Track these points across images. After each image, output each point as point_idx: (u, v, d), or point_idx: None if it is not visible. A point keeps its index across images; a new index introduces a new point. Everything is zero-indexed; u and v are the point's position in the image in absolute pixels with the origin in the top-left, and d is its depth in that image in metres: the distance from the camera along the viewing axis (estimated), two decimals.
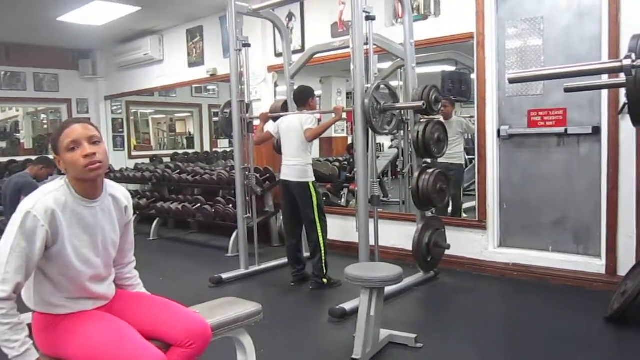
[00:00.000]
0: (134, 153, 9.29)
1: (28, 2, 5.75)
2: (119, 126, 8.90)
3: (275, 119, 4.55)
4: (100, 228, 1.83)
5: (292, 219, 4.37)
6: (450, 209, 5.56)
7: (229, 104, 4.76)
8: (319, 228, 4.17)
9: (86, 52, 8.67)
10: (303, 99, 4.32)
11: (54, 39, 7.67)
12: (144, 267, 2.19)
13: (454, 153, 5.56)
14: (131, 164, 8.47)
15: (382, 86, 3.83)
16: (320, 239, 4.16)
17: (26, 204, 1.68)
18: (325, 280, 4.17)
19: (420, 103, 3.83)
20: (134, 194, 7.43)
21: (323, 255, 4.16)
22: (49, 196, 1.71)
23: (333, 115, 4.26)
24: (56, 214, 1.69)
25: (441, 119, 4.65)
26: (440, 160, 4.34)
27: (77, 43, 8.14)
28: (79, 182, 1.77)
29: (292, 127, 4.19)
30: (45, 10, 6.04)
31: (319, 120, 4.59)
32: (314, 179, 4.21)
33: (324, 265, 4.16)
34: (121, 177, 7.54)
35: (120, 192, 1.96)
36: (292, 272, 4.39)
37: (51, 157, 7.78)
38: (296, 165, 4.17)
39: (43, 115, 9.82)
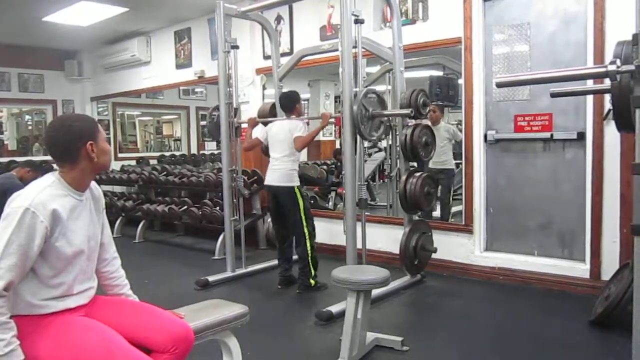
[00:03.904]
0: (120, 155, 9.21)
1: (13, 1, 5.68)
2: (105, 128, 8.81)
3: (264, 124, 4.53)
4: (87, 219, 1.86)
5: (280, 223, 4.37)
6: (439, 213, 5.61)
7: (217, 108, 4.74)
8: (306, 231, 4.15)
9: (72, 52, 8.60)
10: (290, 104, 4.31)
11: (39, 39, 7.59)
12: (129, 269, 2.17)
13: (444, 160, 5.66)
14: (117, 165, 8.40)
15: (370, 93, 3.83)
16: (308, 243, 4.14)
17: (22, 200, 1.67)
18: (312, 282, 4.16)
19: (408, 111, 3.84)
20: (119, 196, 7.38)
21: (310, 259, 4.14)
22: (45, 192, 1.72)
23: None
24: (55, 208, 1.70)
25: (429, 123, 4.68)
26: (430, 166, 4.37)
27: (63, 43, 8.07)
28: (88, 174, 1.85)
29: (281, 133, 4.19)
30: (31, 10, 5.98)
31: (307, 123, 4.58)
32: (298, 184, 4.19)
33: (311, 267, 4.15)
34: (107, 179, 7.48)
35: (93, 184, 1.97)
36: (279, 271, 4.38)
37: (36, 159, 7.73)
38: (281, 170, 4.16)
39: (27, 117, 9.70)
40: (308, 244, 4.15)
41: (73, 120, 1.86)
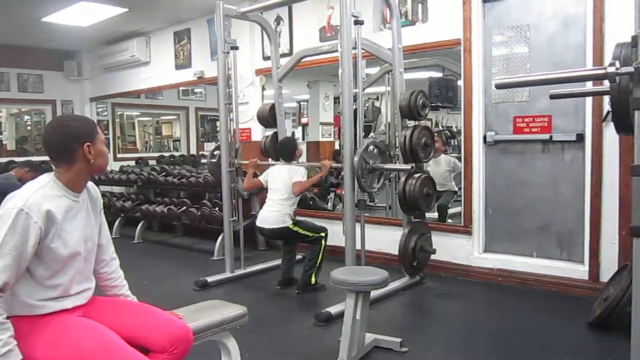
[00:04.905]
0: (119, 155, 9.21)
1: (13, 2, 5.68)
2: (104, 128, 8.79)
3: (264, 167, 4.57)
4: (83, 220, 1.85)
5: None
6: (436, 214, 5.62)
7: (218, 148, 4.75)
8: (320, 235, 4.19)
9: (71, 53, 8.59)
10: (289, 153, 4.34)
11: (38, 40, 7.58)
12: (128, 270, 2.17)
13: (447, 190, 5.81)
14: (116, 166, 8.40)
15: (371, 146, 3.85)
16: (323, 243, 4.18)
17: (16, 201, 1.66)
18: (313, 279, 4.16)
19: (409, 167, 3.86)
20: (118, 197, 7.37)
21: (319, 259, 4.16)
22: (39, 192, 1.71)
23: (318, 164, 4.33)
24: (49, 209, 1.69)
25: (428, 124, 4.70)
26: None
27: (62, 44, 8.07)
28: (83, 175, 1.83)
29: (281, 177, 4.22)
30: (30, 11, 5.97)
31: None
32: (291, 222, 4.18)
33: (317, 265, 4.16)
34: (106, 179, 7.47)
35: (90, 185, 1.97)
36: (281, 269, 4.39)
37: (36, 158, 7.72)
38: (276, 212, 4.17)
39: (27, 117, 9.69)
40: (323, 245, 4.18)
41: (71, 121, 1.85)
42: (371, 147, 3.87)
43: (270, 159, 4.83)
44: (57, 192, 1.77)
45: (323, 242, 4.18)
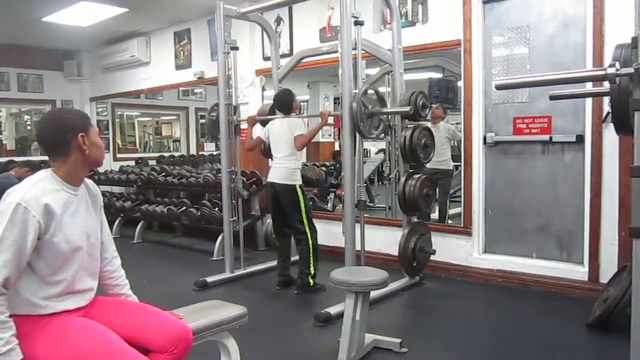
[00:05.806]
0: (119, 155, 9.22)
1: (13, 1, 5.68)
2: (104, 128, 8.81)
3: (263, 123, 4.54)
4: (84, 214, 1.85)
5: (280, 222, 4.37)
6: (437, 215, 5.61)
7: (216, 106, 4.75)
8: (307, 230, 4.15)
9: (71, 53, 8.59)
10: (286, 105, 4.26)
11: (38, 39, 7.59)
12: (127, 270, 2.16)
13: (442, 160, 5.66)
14: (116, 166, 8.40)
15: (370, 91, 3.84)
16: (310, 241, 4.14)
17: (14, 195, 1.66)
18: (311, 281, 4.15)
19: (407, 108, 3.85)
20: (118, 197, 7.37)
21: (311, 257, 4.13)
22: (37, 187, 1.71)
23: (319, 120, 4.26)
24: (47, 203, 1.69)
25: (429, 124, 4.70)
26: (428, 165, 4.35)
27: (62, 44, 8.07)
28: (80, 168, 1.83)
29: (282, 132, 4.18)
30: (30, 10, 5.97)
31: (307, 124, 4.59)
32: (301, 183, 4.19)
33: (311, 266, 4.13)
34: (106, 179, 7.48)
35: (89, 182, 1.97)
36: (278, 272, 4.38)
37: (35, 159, 7.72)
38: (285, 168, 4.16)
39: (27, 117, 9.69)
40: (310, 242, 4.15)
41: (64, 113, 1.89)
42: (370, 91, 3.83)
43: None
44: (56, 186, 1.77)
45: (310, 241, 4.14)
